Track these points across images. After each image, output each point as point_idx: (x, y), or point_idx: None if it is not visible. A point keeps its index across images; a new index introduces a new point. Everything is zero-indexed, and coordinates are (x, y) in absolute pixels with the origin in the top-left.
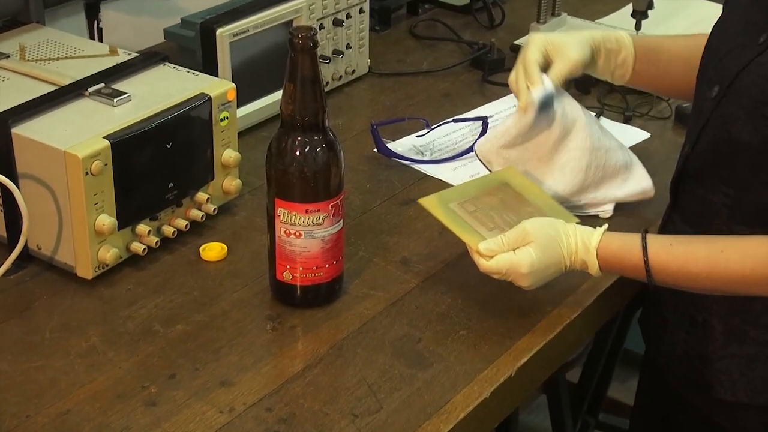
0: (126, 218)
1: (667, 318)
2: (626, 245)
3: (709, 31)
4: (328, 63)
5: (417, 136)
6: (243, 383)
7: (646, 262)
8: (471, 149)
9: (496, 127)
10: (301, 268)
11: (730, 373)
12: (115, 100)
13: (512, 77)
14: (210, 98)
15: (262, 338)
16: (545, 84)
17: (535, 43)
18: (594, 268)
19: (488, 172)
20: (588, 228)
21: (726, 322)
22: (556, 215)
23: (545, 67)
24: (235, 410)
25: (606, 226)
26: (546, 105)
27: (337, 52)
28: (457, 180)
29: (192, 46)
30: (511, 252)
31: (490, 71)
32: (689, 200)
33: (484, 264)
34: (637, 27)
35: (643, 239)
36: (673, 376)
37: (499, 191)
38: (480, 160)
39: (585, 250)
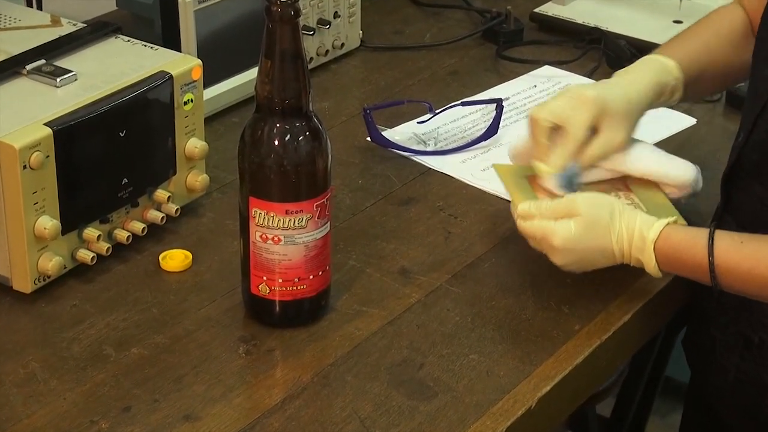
0: (71, 221)
1: (717, 339)
2: (689, 239)
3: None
4: (312, 35)
5: (418, 123)
6: (210, 418)
7: (711, 262)
8: (482, 138)
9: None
10: (280, 280)
11: None
12: (58, 79)
13: (540, 120)
14: (171, 77)
15: (233, 364)
16: (572, 168)
17: (585, 111)
18: (651, 264)
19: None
20: (651, 218)
21: None
22: (659, 212)
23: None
24: None
25: (673, 219)
26: (568, 185)
27: (323, 22)
28: (465, 174)
29: (150, 15)
30: (551, 220)
31: (506, 45)
32: (744, 199)
33: (519, 224)
34: None
35: (711, 234)
36: (723, 407)
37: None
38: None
39: (641, 241)
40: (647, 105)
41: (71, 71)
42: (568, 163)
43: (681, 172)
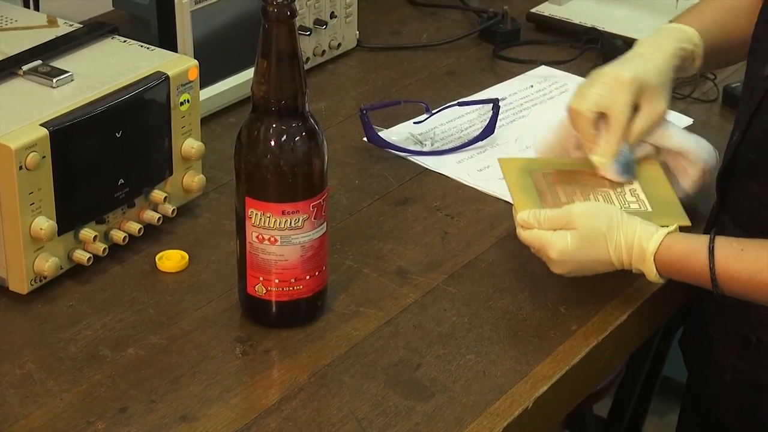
0: (68, 221)
1: (714, 339)
2: (690, 249)
3: None
4: (308, 35)
5: (415, 123)
6: (207, 418)
7: (713, 271)
8: (479, 138)
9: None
10: (276, 281)
11: None
12: (54, 80)
13: (583, 112)
14: (168, 78)
15: (230, 364)
16: (623, 151)
17: (626, 89)
18: (651, 274)
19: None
20: (650, 228)
21: None
22: (665, 214)
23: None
24: None
25: (670, 228)
26: (626, 170)
27: (319, 23)
28: (462, 174)
29: (146, 16)
30: (549, 231)
31: (503, 45)
32: (741, 198)
33: (518, 232)
34: None
35: (711, 243)
36: (721, 407)
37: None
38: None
39: (641, 253)
40: (674, 71)
41: (68, 72)
42: (619, 148)
43: (704, 146)
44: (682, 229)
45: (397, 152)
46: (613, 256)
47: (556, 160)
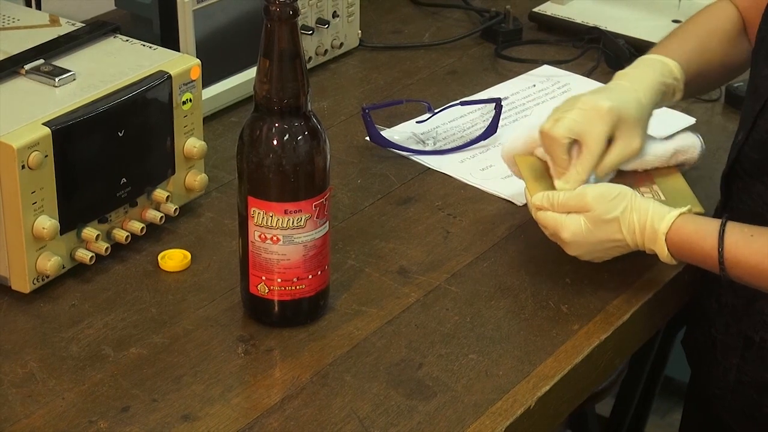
0: (70, 220)
1: (717, 338)
2: (700, 232)
3: None
4: (311, 34)
5: (417, 122)
6: (209, 418)
7: (721, 255)
8: (481, 137)
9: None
10: (278, 280)
11: None
12: (56, 79)
13: (558, 137)
14: (170, 77)
15: (232, 364)
16: (589, 181)
17: (603, 120)
18: (663, 254)
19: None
20: (663, 208)
21: None
22: (678, 199)
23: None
24: None
25: (684, 209)
26: None
27: (321, 22)
28: (464, 174)
29: (148, 15)
30: (563, 214)
31: (505, 44)
32: (745, 198)
33: (534, 213)
34: None
35: (722, 227)
36: (724, 408)
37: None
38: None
39: (653, 233)
40: (654, 106)
41: (70, 71)
42: (587, 177)
43: (686, 142)
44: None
45: (399, 151)
46: (628, 236)
47: None
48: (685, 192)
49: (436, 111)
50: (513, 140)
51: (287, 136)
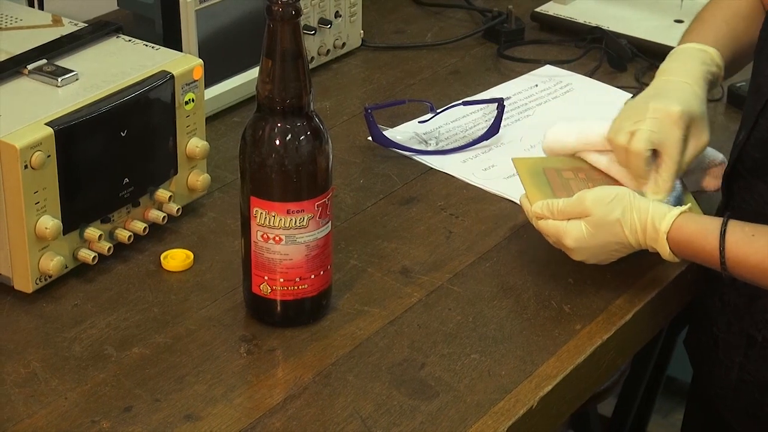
0: (72, 220)
1: (719, 337)
2: (701, 231)
3: None
4: (313, 34)
5: (419, 122)
6: (212, 417)
7: (722, 253)
8: (484, 137)
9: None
10: (281, 280)
11: None
12: (59, 79)
13: (639, 150)
14: (172, 77)
15: (234, 364)
16: (676, 185)
17: (678, 125)
18: (665, 253)
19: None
20: (663, 207)
21: None
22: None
23: None
24: None
25: (684, 208)
26: (677, 203)
27: (324, 22)
28: (467, 174)
29: (151, 15)
30: (564, 221)
31: (507, 44)
32: (747, 197)
33: (535, 222)
34: None
35: (723, 226)
36: (726, 407)
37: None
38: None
39: (654, 232)
40: (707, 95)
41: (72, 71)
42: (674, 183)
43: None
44: None
45: (401, 151)
46: (630, 237)
47: (570, 159)
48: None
49: (438, 111)
50: (563, 136)
51: (290, 136)
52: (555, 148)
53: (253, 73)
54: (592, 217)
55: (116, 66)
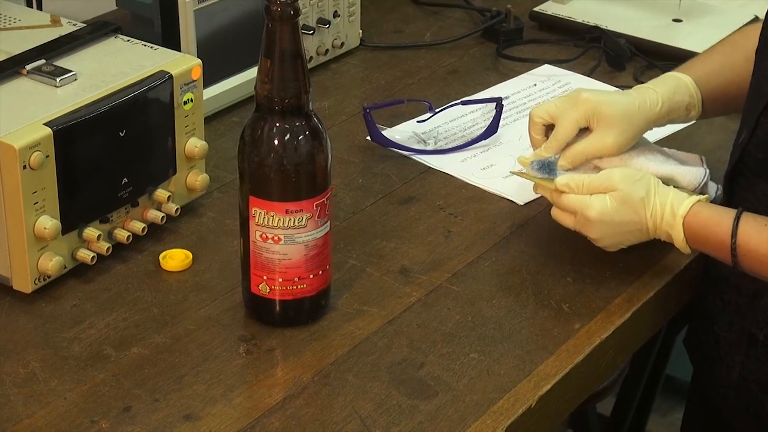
0: (71, 221)
1: (720, 336)
2: (716, 218)
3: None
4: (312, 34)
5: (418, 122)
6: (211, 417)
7: (733, 241)
8: (482, 137)
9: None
10: (280, 280)
11: None
12: (57, 79)
13: (535, 117)
14: (171, 77)
15: (233, 363)
16: (548, 156)
17: (577, 109)
18: (679, 238)
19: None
20: (682, 194)
21: None
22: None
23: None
24: None
25: (702, 197)
26: (543, 169)
27: (322, 22)
28: (465, 173)
29: (149, 15)
30: (588, 195)
31: (506, 43)
32: (749, 198)
33: (555, 209)
34: None
35: (738, 215)
36: (726, 407)
37: None
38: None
39: (672, 216)
40: (656, 117)
41: (71, 71)
42: (550, 154)
43: (689, 178)
44: None
45: (400, 151)
46: (649, 220)
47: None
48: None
49: (437, 110)
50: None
51: (288, 135)
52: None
53: (252, 73)
54: (619, 192)
55: (115, 66)
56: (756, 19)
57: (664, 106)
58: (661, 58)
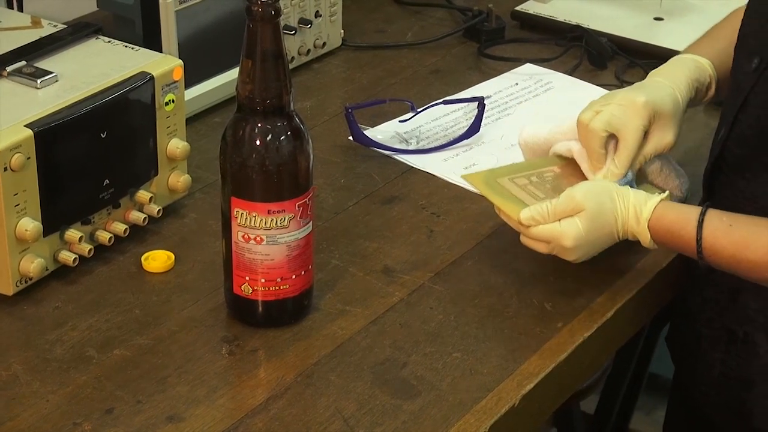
0: (53, 222)
1: (701, 334)
2: (681, 220)
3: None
4: (293, 34)
5: (400, 122)
6: (194, 419)
7: (699, 243)
8: (464, 136)
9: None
10: (262, 280)
11: None
12: (38, 80)
13: (597, 125)
14: (152, 78)
15: (216, 364)
16: (627, 174)
17: (639, 114)
18: (646, 240)
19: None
20: (644, 195)
21: None
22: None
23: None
24: None
25: (663, 195)
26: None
27: (304, 22)
28: (448, 172)
29: (130, 16)
30: (556, 223)
31: (488, 43)
32: (728, 194)
33: (525, 237)
34: None
35: (701, 215)
36: (708, 403)
37: (572, 165)
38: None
39: (636, 220)
40: (688, 103)
41: (52, 72)
42: (625, 171)
43: (675, 183)
44: None
45: (382, 151)
46: (619, 226)
47: (514, 165)
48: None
49: (419, 110)
50: (535, 129)
51: (270, 136)
52: (530, 142)
53: (234, 73)
54: (586, 211)
55: (96, 67)
56: None
57: (692, 90)
58: (643, 56)
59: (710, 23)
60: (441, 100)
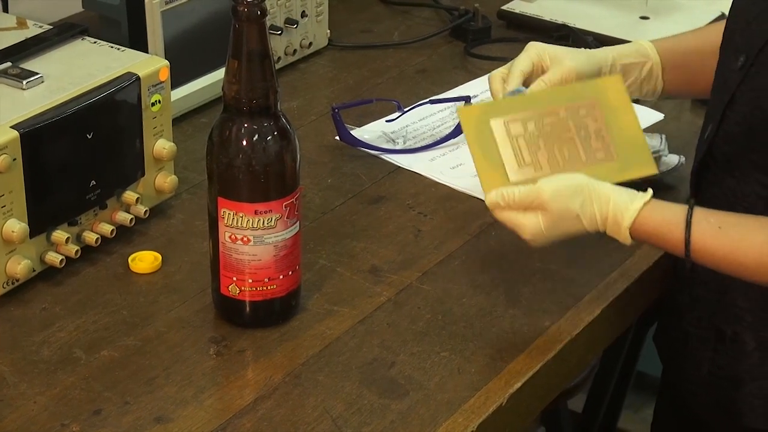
0: (39, 224)
1: (689, 332)
2: (666, 224)
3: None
4: (279, 34)
5: (387, 121)
6: (182, 419)
7: (687, 247)
8: (451, 135)
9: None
10: (250, 281)
11: (765, 397)
12: (24, 81)
13: (494, 74)
14: (138, 78)
15: (204, 365)
16: (521, 89)
17: (527, 51)
18: (626, 242)
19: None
20: (625, 197)
21: (760, 335)
22: (633, 161)
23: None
24: None
25: (645, 200)
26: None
27: (290, 22)
28: (435, 172)
29: (116, 16)
30: (520, 213)
31: (474, 42)
32: (716, 192)
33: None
34: None
35: (689, 217)
36: (696, 402)
37: (577, 110)
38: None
39: (616, 226)
40: (604, 57)
41: (38, 73)
42: (514, 85)
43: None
44: (650, 184)
45: (369, 150)
46: (589, 227)
47: (513, 100)
48: (637, 142)
49: (405, 110)
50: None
51: (257, 136)
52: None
53: (220, 73)
54: (550, 213)
55: (82, 68)
56: (722, 15)
57: (613, 58)
58: None
59: (696, 22)
60: (427, 100)
